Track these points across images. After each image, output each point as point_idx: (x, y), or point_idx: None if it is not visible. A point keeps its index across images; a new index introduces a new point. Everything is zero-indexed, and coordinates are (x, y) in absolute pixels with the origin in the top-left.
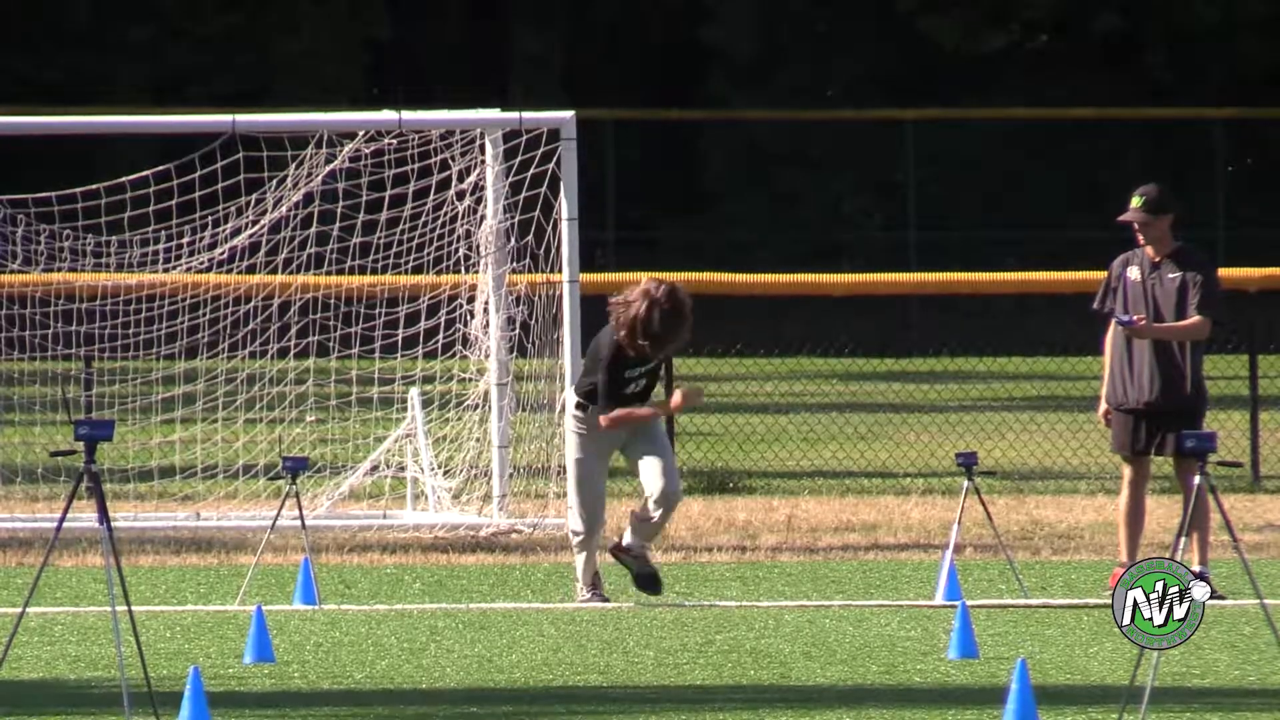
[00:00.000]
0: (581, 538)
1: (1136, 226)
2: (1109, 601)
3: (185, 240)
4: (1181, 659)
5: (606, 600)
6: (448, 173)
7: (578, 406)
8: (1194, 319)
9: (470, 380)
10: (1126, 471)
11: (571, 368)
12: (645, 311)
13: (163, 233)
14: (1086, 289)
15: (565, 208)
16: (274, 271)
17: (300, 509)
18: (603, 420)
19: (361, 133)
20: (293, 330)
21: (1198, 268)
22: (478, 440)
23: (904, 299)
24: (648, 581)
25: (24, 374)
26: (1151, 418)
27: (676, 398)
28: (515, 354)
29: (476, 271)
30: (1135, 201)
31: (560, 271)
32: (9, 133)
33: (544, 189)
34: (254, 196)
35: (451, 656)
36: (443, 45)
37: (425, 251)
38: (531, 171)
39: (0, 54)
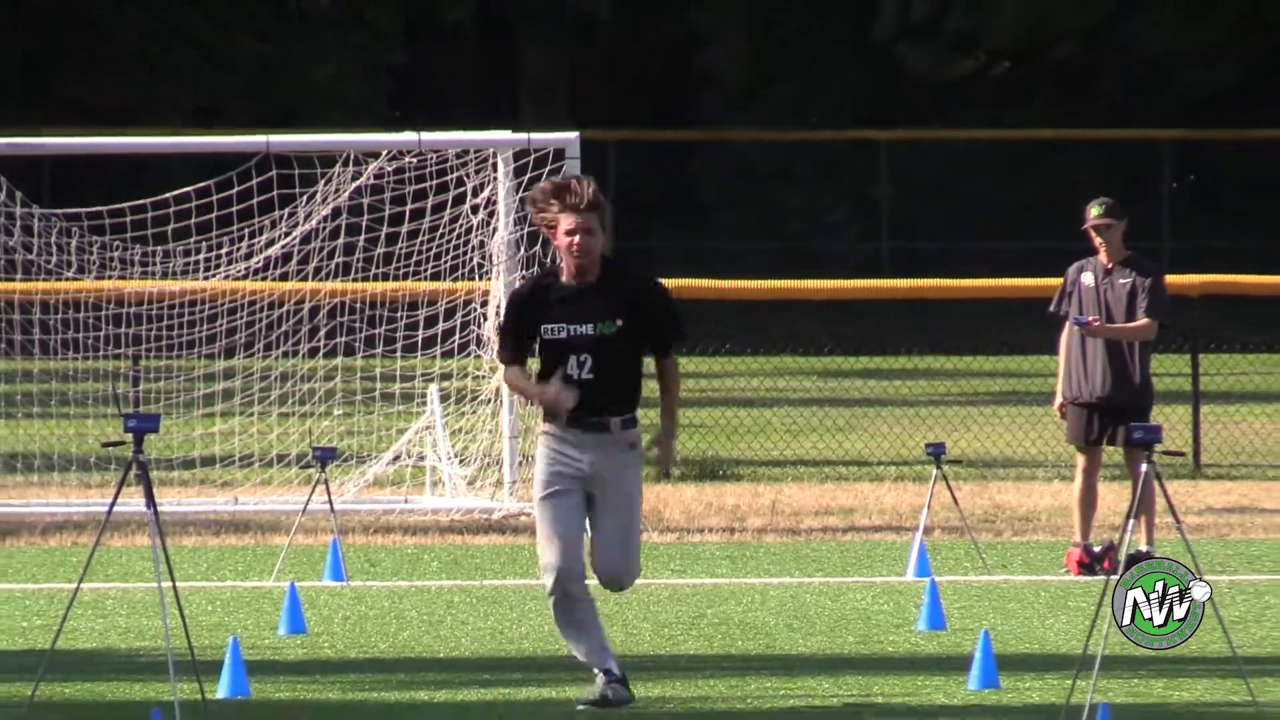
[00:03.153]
0: (552, 599)
1: (1099, 231)
2: (1064, 577)
3: (224, 250)
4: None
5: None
6: (463, 188)
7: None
8: (1143, 321)
9: (483, 377)
10: (1080, 460)
11: None
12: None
13: (203, 243)
14: (1044, 294)
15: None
16: (305, 278)
17: (329, 494)
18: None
19: (384, 152)
20: (321, 332)
21: (1147, 274)
22: (490, 432)
23: (878, 303)
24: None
25: (78, 372)
26: (1103, 411)
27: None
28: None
29: (489, 278)
30: (1096, 210)
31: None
32: (65, 152)
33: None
34: (286, 210)
35: (467, 628)
36: (458, 71)
37: (442, 260)
38: (532, 188)
39: (56, 81)
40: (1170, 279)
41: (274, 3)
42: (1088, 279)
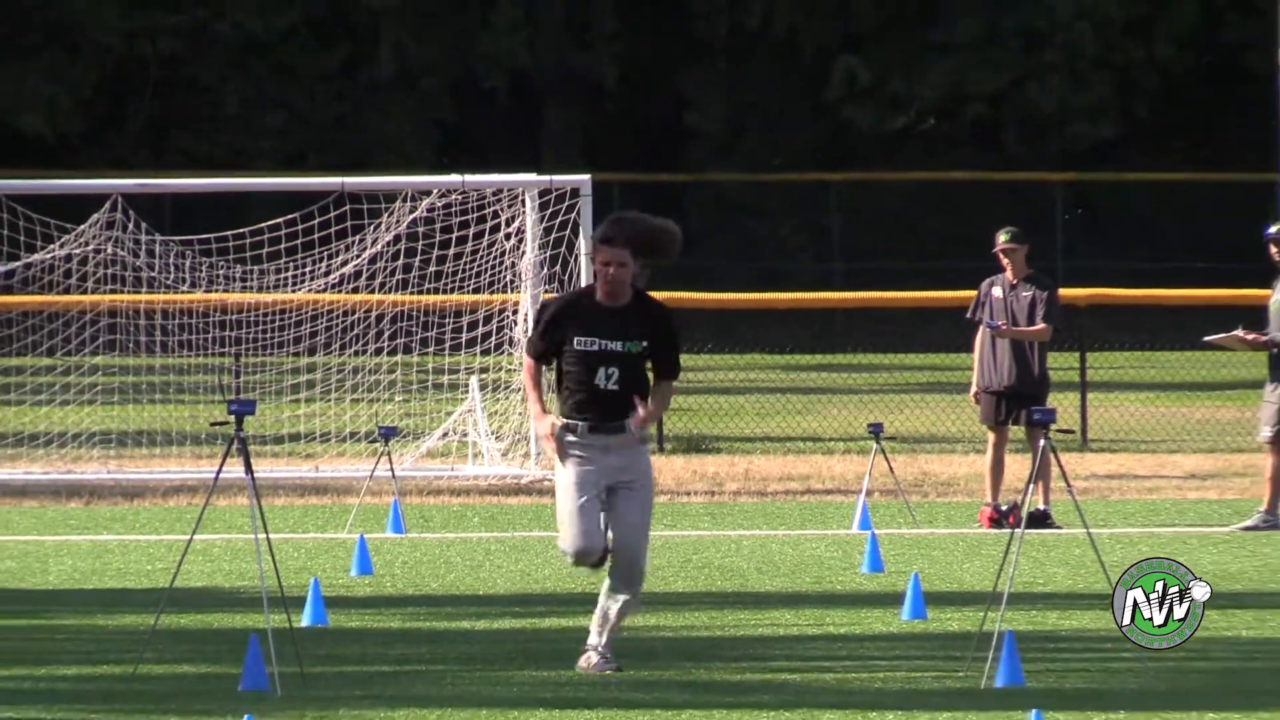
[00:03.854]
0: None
1: (1006, 254)
2: (978, 530)
3: (307, 269)
4: (1030, 572)
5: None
6: (497, 220)
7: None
8: (1041, 325)
9: (514, 370)
10: (991, 437)
11: None
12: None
13: (291, 264)
14: (962, 303)
15: (583, 246)
16: (372, 291)
17: (391, 463)
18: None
19: (435, 191)
20: (385, 334)
21: (1044, 288)
22: (520, 414)
23: (830, 311)
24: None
25: (192, 366)
26: (1009, 398)
27: (545, 430)
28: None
29: (518, 292)
30: (1004, 237)
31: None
32: (181, 191)
33: (568, 232)
34: (357, 237)
35: (501, 571)
36: (494, 126)
37: (480, 277)
38: (559, 219)
39: (174, 136)
40: (1063, 292)
41: (348, 73)
42: (997, 291)
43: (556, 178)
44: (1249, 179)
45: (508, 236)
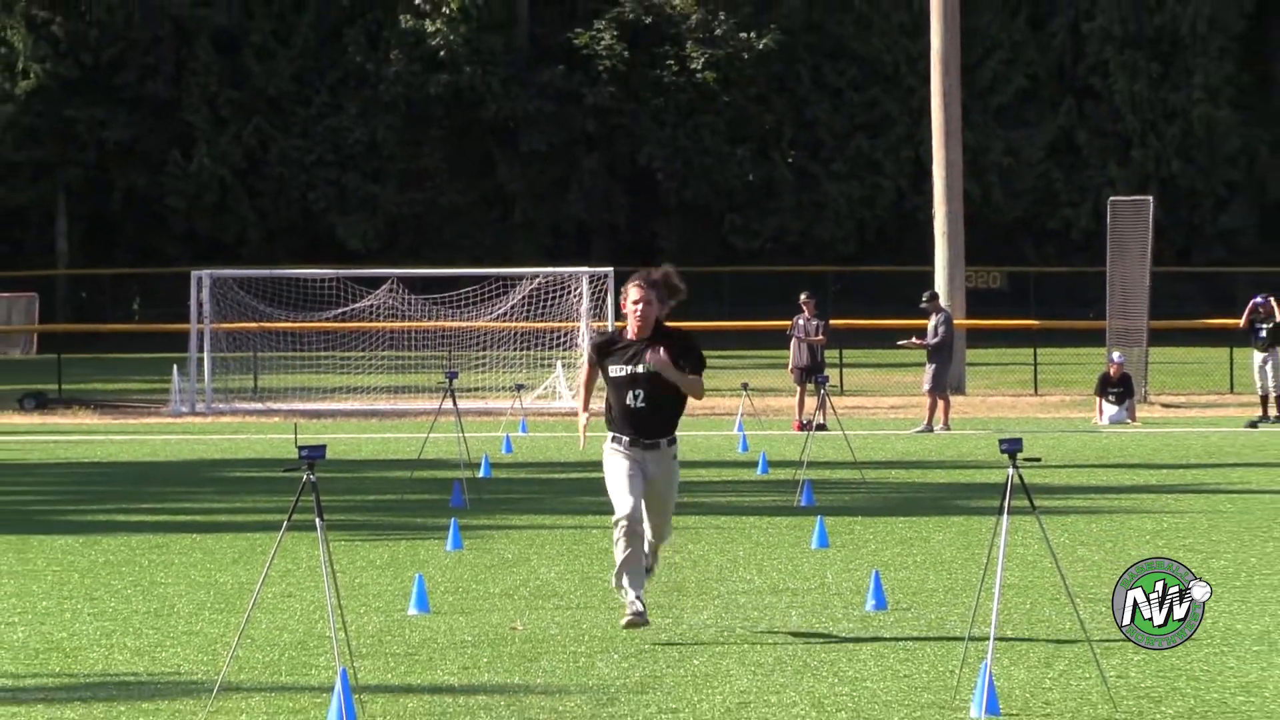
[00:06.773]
0: (620, 528)
1: (805, 304)
2: (792, 432)
3: (482, 310)
4: (817, 452)
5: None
6: (569, 289)
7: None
8: (821, 337)
9: (578, 358)
10: (798, 389)
11: None
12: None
13: (475, 308)
14: (785, 326)
15: (610, 300)
16: (511, 321)
17: (521, 401)
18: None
19: (540, 275)
20: (517, 341)
21: (823, 319)
22: (579, 377)
23: (724, 330)
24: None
25: (428, 356)
26: (806, 370)
27: (581, 425)
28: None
29: (577, 322)
30: (804, 295)
31: (605, 321)
32: (424, 275)
33: (602, 294)
34: (505, 296)
35: (573, 451)
36: (568, 245)
37: (560, 315)
38: (597, 289)
39: (422, 249)
40: (833, 322)
41: (500, 220)
42: (801, 321)
43: (594, 269)
44: (917, 269)
45: (573, 296)
